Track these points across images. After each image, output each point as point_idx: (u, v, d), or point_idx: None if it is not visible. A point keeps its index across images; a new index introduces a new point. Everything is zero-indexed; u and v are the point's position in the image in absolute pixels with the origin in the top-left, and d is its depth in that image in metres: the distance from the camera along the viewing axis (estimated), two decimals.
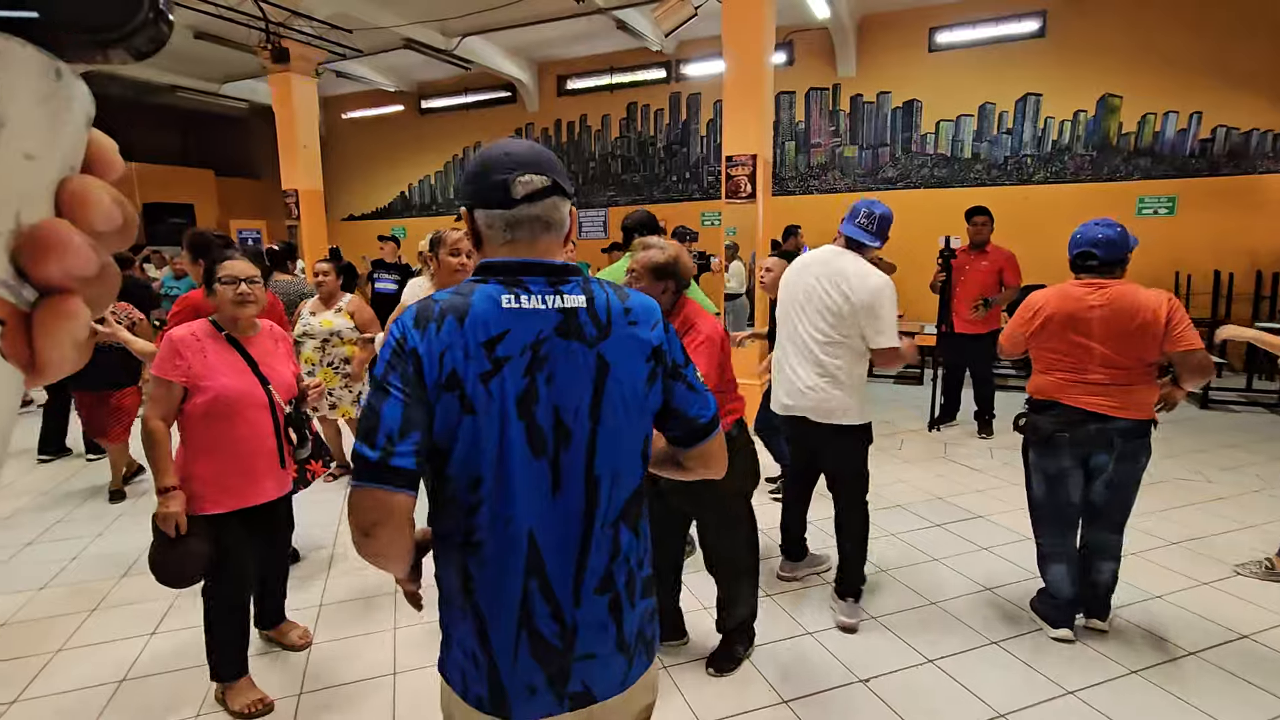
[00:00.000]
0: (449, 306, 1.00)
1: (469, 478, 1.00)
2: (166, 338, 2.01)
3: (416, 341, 0.98)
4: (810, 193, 8.97)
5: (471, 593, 1.03)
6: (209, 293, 2.09)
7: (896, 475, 4.38)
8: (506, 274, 1.04)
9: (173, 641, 2.62)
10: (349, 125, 12.26)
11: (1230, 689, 2.26)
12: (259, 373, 2.13)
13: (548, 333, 1.01)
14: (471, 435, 0.98)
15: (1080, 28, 7.40)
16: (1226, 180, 7.05)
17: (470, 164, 1.07)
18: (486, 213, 1.05)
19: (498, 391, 0.98)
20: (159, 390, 1.98)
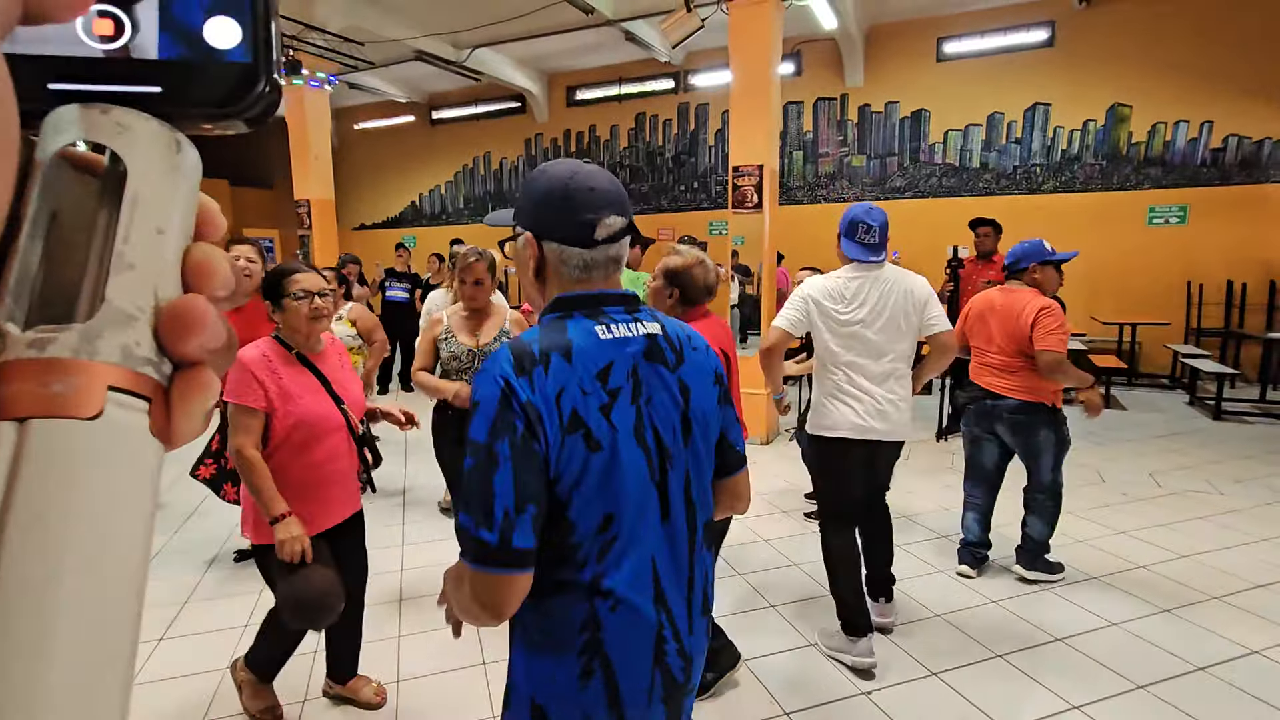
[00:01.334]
0: (550, 345, 0.95)
1: (600, 516, 0.95)
2: (236, 361, 1.74)
3: (527, 392, 0.90)
4: (818, 202, 8.98)
5: (600, 644, 0.95)
6: (276, 308, 1.93)
7: (906, 486, 4.36)
8: (588, 306, 1.01)
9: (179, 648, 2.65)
10: (361, 135, 12.41)
11: (1238, 705, 2.24)
12: (333, 392, 1.99)
13: (640, 359, 1.00)
14: (601, 472, 0.94)
15: (1089, 37, 7.39)
16: (1239, 189, 7.00)
17: (544, 189, 1.00)
18: (562, 248, 1.00)
19: (618, 423, 0.96)
20: (243, 418, 1.84)
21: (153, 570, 3.30)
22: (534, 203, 1.01)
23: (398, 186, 12.43)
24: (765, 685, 2.39)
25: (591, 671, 0.95)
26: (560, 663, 0.96)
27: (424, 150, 11.96)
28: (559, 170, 1.01)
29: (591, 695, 0.95)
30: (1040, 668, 2.45)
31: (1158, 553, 3.34)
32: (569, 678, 0.95)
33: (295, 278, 1.93)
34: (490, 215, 1.07)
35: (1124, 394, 6.87)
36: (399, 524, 3.88)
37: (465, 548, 0.89)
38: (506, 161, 11.28)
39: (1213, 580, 3.06)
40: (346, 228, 12.49)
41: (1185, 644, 2.58)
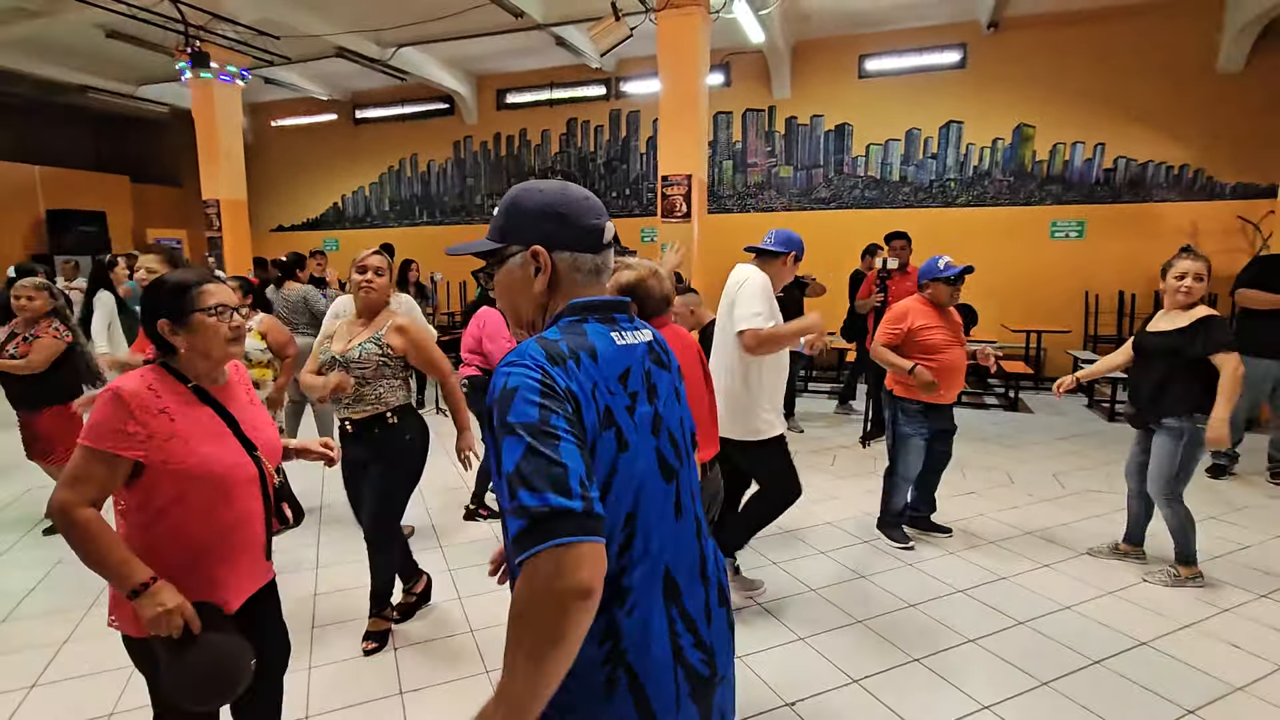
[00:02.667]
0: (576, 345, 0.96)
1: (622, 516, 0.95)
2: (111, 393, 1.39)
3: (565, 380, 0.91)
4: (748, 211, 9.15)
5: (623, 656, 0.93)
6: (178, 327, 1.48)
7: (828, 491, 4.46)
8: (602, 312, 1.04)
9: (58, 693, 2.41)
10: (278, 133, 11.83)
11: (1129, 696, 2.38)
12: (243, 435, 1.56)
13: (648, 363, 1.05)
14: (627, 472, 0.96)
15: (997, 60, 7.83)
16: (1129, 207, 7.56)
17: (541, 203, 1.03)
18: (575, 255, 1.03)
19: (639, 424, 0.99)
20: (91, 466, 1.36)
21: (27, 608, 3.02)
22: (532, 218, 1.03)
23: (319, 187, 11.90)
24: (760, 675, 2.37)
25: (616, 681, 0.93)
26: (580, 677, 0.90)
27: (347, 150, 11.50)
28: (549, 185, 1.05)
29: (619, 705, 0.93)
30: (955, 671, 2.53)
31: (1060, 551, 3.54)
32: (593, 691, 0.92)
33: (207, 289, 1.52)
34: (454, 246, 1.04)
35: (1031, 398, 7.29)
36: (313, 544, 3.68)
37: (539, 530, 0.80)
38: (435, 164, 10.99)
39: (1107, 576, 3.26)
40: (263, 229, 11.86)
41: (1083, 639, 2.73)
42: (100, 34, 7.75)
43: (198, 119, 7.83)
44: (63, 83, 9.61)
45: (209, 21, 7.09)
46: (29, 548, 3.64)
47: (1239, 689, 2.41)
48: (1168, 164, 7.37)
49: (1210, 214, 7.20)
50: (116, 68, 9.40)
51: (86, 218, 10.86)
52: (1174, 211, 7.38)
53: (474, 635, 2.78)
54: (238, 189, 8.08)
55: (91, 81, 9.72)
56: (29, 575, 3.30)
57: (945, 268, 3.40)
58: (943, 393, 3.40)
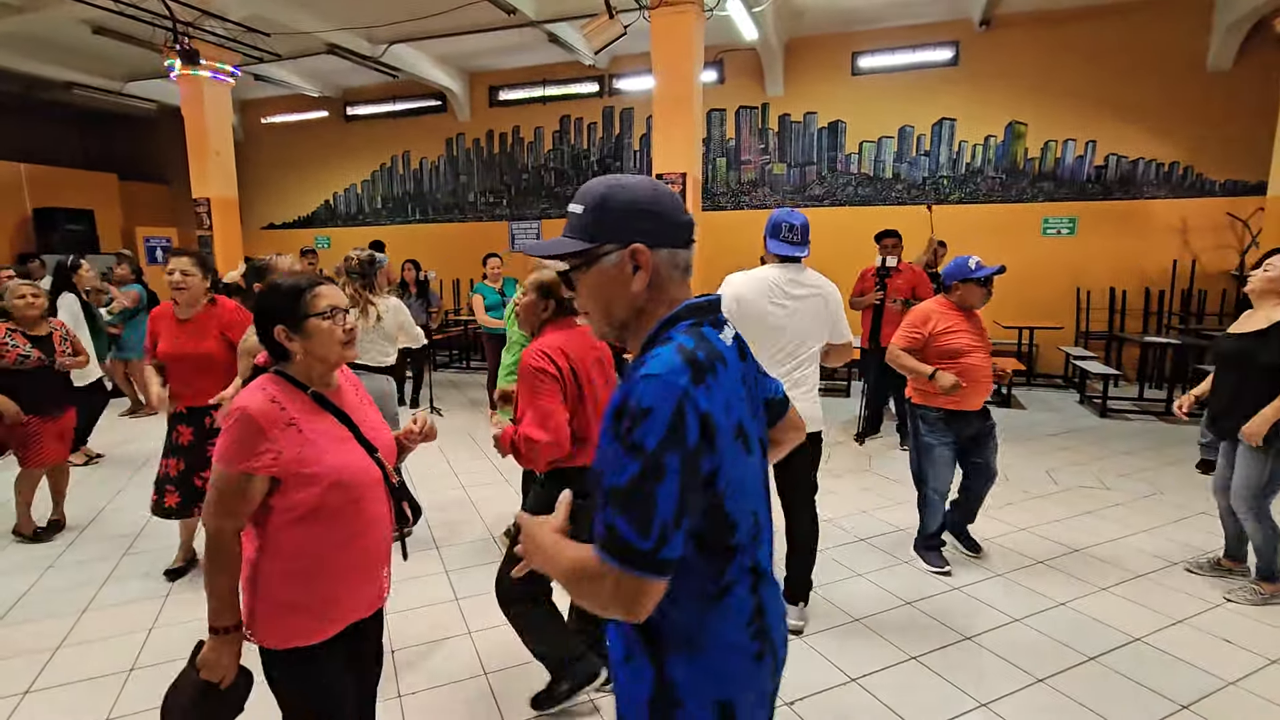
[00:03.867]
0: (710, 352, 0.96)
1: (752, 515, 1.02)
2: (239, 412, 1.38)
3: (706, 401, 0.91)
4: (741, 208, 9.15)
5: (768, 628, 1.05)
6: (294, 333, 1.46)
7: (824, 488, 4.47)
8: (710, 313, 1.05)
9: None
10: (269, 130, 11.72)
11: (1124, 692, 2.40)
12: (363, 438, 1.54)
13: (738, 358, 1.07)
14: (754, 474, 1.03)
15: (990, 58, 7.85)
16: (1120, 204, 7.61)
17: (630, 199, 1.00)
18: (674, 252, 1.02)
19: (755, 425, 1.05)
20: (233, 489, 1.37)
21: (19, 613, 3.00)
22: (627, 216, 1.00)
23: (310, 185, 11.81)
24: None
25: (764, 653, 1.04)
26: (736, 652, 1.01)
27: (339, 147, 11.41)
28: (635, 181, 1.03)
29: (764, 672, 1.05)
30: (952, 668, 2.55)
31: (1053, 547, 3.56)
32: (746, 664, 1.02)
33: (320, 291, 1.50)
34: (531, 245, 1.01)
35: (1024, 394, 7.34)
36: None
37: (613, 547, 0.89)
38: (427, 161, 10.93)
39: (1101, 572, 3.29)
40: (254, 227, 11.77)
41: (1078, 635, 2.75)
42: (86, 30, 7.65)
43: (187, 116, 7.75)
44: (48, 79, 9.48)
45: (198, 18, 7.02)
46: (20, 553, 3.60)
47: (1232, 684, 2.44)
48: (1158, 161, 7.42)
49: (1200, 211, 7.26)
50: (103, 64, 9.28)
51: (74, 216, 10.72)
52: (1164, 209, 7.43)
53: (471, 637, 2.78)
54: (228, 187, 8.01)
55: (77, 78, 9.59)
56: (20, 581, 3.27)
57: (977, 268, 3.11)
58: (964, 399, 3.15)
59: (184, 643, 2.68)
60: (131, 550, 3.61)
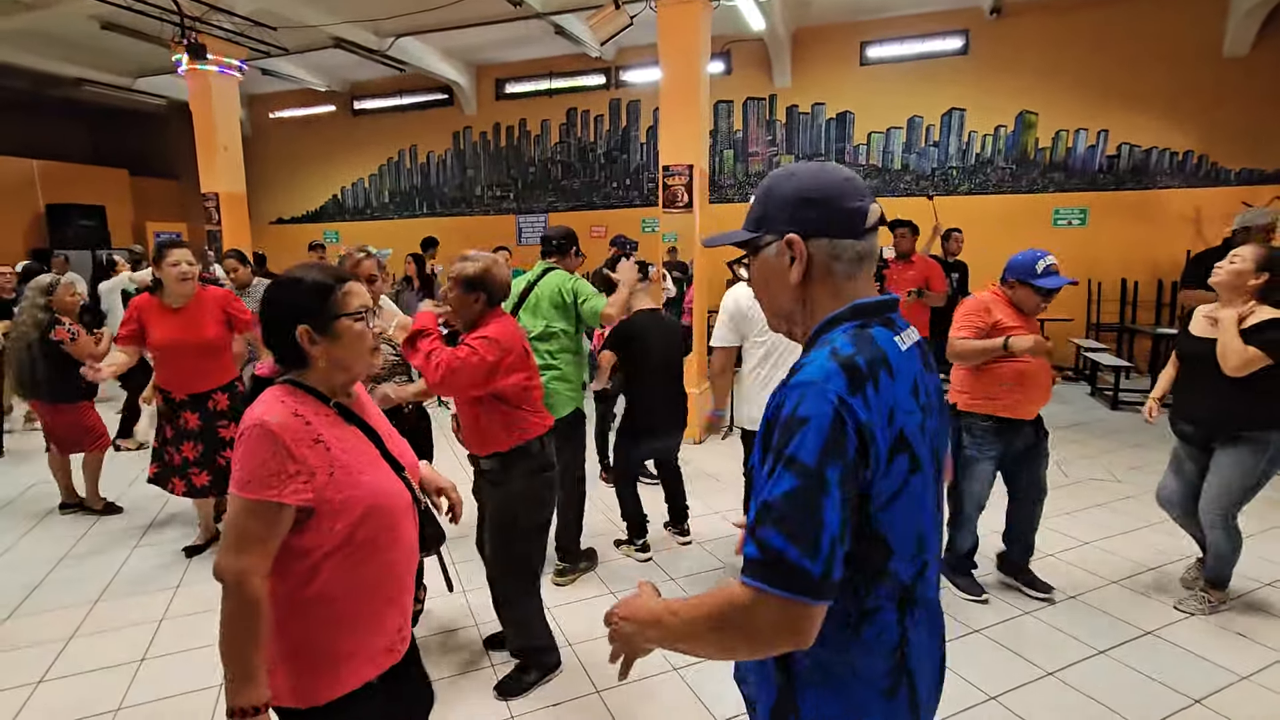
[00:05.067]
0: (874, 358, 0.88)
1: (915, 536, 0.93)
2: (259, 429, 1.16)
3: (865, 412, 0.84)
4: (748, 200, 9.05)
5: (906, 659, 0.95)
6: (321, 335, 1.25)
7: None
8: (882, 314, 0.96)
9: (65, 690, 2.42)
10: (276, 125, 11.77)
11: (1135, 686, 2.38)
12: (390, 455, 1.35)
13: (921, 370, 0.97)
14: (918, 492, 0.91)
15: (1000, 47, 7.76)
16: (1131, 194, 7.51)
17: (796, 187, 0.96)
18: (834, 242, 0.94)
19: (928, 437, 0.94)
20: (257, 521, 1.15)
21: (32, 604, 3.03)
22: (788, 205, 0.96)
23: (318, 179, 11.85)
24: (697, 695, 2.38)
25: (897, 689, 0.94)
26: (866, 686, 0.93)
27: (346, 142, 11.45)
28: (807, 167, 0.97)
29: (897, 708, 0.95)
30: (955, 660, 2.53)
31: (1064, 540, 3.53)
32: (875, 699, 0.94)
33: (351, 288, 1.29)
34: (711, 237, 1.03)
35: None
36: None
37: (773, 571, 0.81)
38: (434, 155, 10.94)
39: (1111, 566, 3.26)
40: (262, 222, 11.83)
41: (1088, 629, 2.73)
42: (95, 25, 7.69)
43: (195, 112, 7.78)
44: (59, 75, 9.55)
45: (205, 13, 7.03)
46: (32, 544, 3.65)
47: (1245, 678, 2.42)
48: (1171, 150, 7.32)
49: (1214, 200, 7.16)
50: (113, 60, 9.33)
51: (86, 212, 10.82)
52: (1177, 198, 7.33)
53: (479, 629, 2.79)
54: (236, 182, 8.04)
55: (87, 74, 9.65)
56: (33, 572, 3.31)
57: (1045, 274, 2.69)
58: (1021, 404, 2.80)
59: (193, 634, 2.73)
60: (142, 543, 3.65)
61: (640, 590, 1.02)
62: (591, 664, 2.54)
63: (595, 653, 2.61)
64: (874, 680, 0.94)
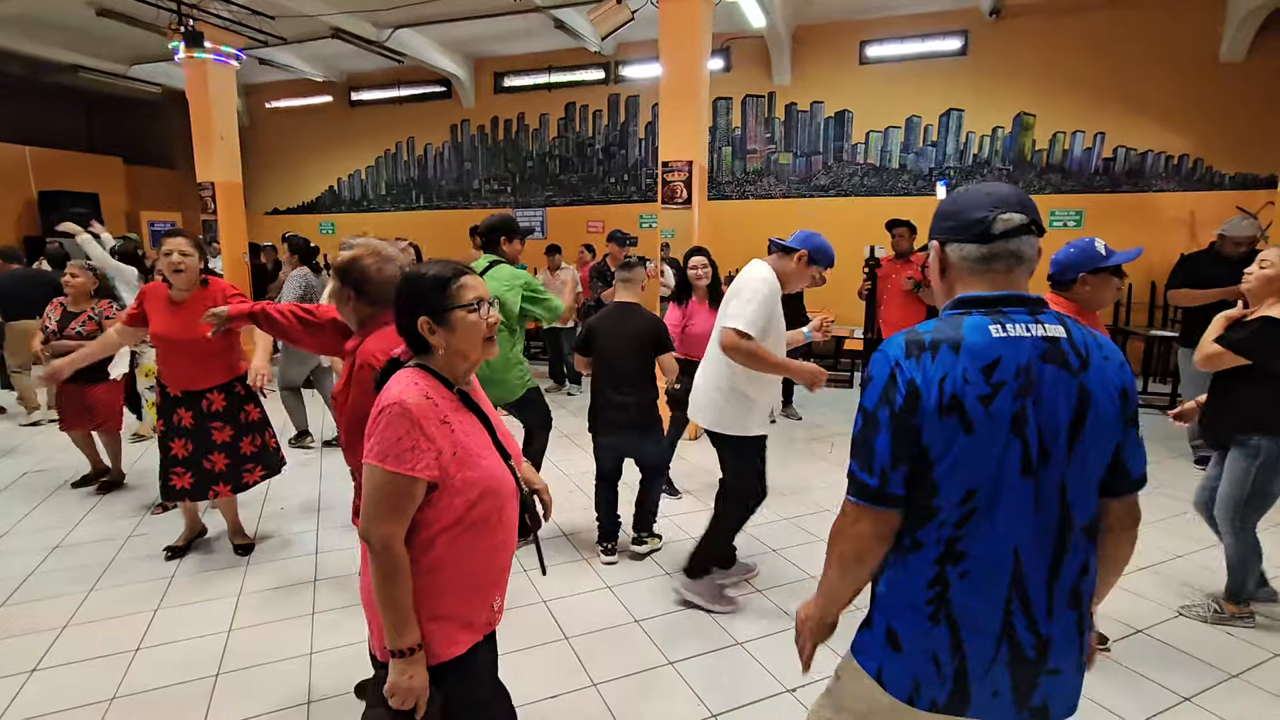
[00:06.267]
0: (940, 337, 1.10)
1: (963, 490, 1.08)
2: (397, 407, 1.26)
3: (913, 372, 1.08)
4: (747, 198, 9.11)
5: (948, 603, 1.11)
6: (438, 325, 1.35)
7: (826, 479, 4.48)
8: (987, 306, 1.12)
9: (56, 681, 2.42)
10: (273, 115, 11.69)
11: (1126, 682, 2.41)
12: (500, 444, 1.44)
13: (1034, 358, 1.08)
14: (969, 452, 1.06)
15: (998, 48, 7.78)
16: (1127, 197, 7.55)
17: (947, 206, 1.20)
18: (962, 246, 1.16)
19: (997, 413, 1.06)
20: (398, 491, 1.25)
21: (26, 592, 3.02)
22: (938, 217, 1.21)
23: (314, 170, 11.79)
24: (691, 685, 2.39)
25: (938, 620, 1.12)
26: (913, 606, 1.14)
27: (343, 133, 11.38)
28: (968, 186, 1.22)
29: (938, 638, 1.12)
30: None
31: None
32: (920, 618, 1.13)
33: (465, 282, 1.37)
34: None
35: None
36: (312, 529, 3.68)
37: (852, 487, 1.14)
38: (431, 148, 10.89)
39: None
40: (257, 212, 11.76)
41: None
42: (91, 12, 7.62)
43: (191, 100, 7.72)
44: (53, 61, 9.46)
45: (203, 0, 6.98)
46: (27, 532, 3.63)
47: (1235, 676, 2.45)
48: (1167, 154, 7.36)
49: (1209, 204, 7.20)
50: (108, 47, 9.25)
51: (79, 199, 10.72)
52: (1173, 201, 7.38)
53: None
54: (232, 171, 7.99)
55: (82, 61, 9.57)
56: (28, 559, 3.30)
57: (1109, 252, 2.30)
58: None
59: (189, 622, 2.73)
60: (137, 532, 3.63)
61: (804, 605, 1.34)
62: (588, 656, 2.56)
63: (591, 646, 2.62)
64: (917, 604, 1.13)
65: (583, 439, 5.43)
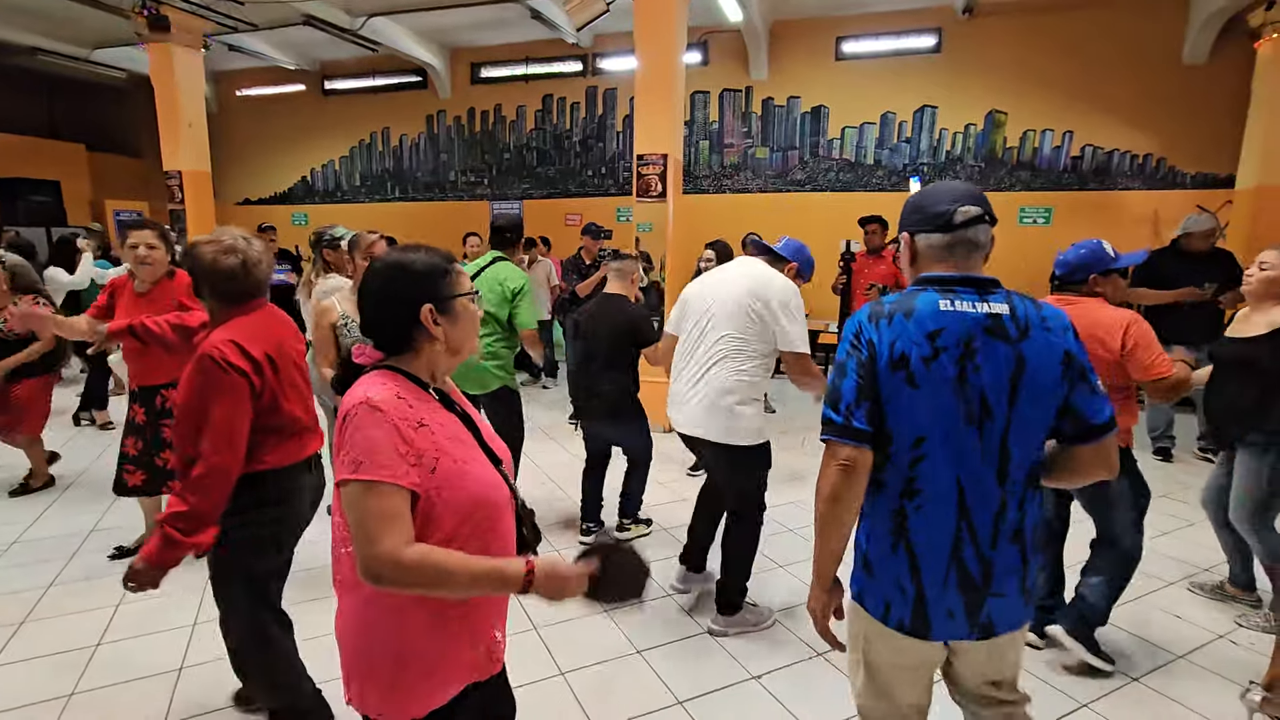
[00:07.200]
0: (897, 306, 1.31)
1: (912, 436, 1.29)
2: (364, 405, 1.10)
3: (871, 333, 1.31)
4: (724, 192, 9.14)
5: (906, 532, 1.32)
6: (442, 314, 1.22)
7: (795, 471, 4.53)
8: (942, 285, 1.32)
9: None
10: (244, 103, 11.45)
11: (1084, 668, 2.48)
12: (487, 447, 1.28)
13: (977, 331, 1.27)
14: (914, 402, 1.28)
15: (971, 46, 7.88)
16: (1094, 195, 7.72)
17: (914, 202, 1.39)
18: (928, 236, 1.35)
19: (937, 371, 1.26)
20: (385, 501, 1.07)
21: None
22: (908, 211, 1.41)
23: (287, 160, 11.58)
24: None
25: (898, 547, 1.33)
26: (877, 532, 1.36)
27: (316, 122, 11.19)
28: (934, 185, 1.40)
29: (899, 563, 1.33)
30: None
31: None
32: (885, 546, 1.35)
33: (459, 269, 1.28)
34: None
35: None
36: None
37: (825, 427, 1.32)
38: (407, 138, 10.76)
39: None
40: (228, 202, 11.53)
41: None
42: None
43: (157, 86, 7.54)
44: (11, 44, 9.15)
45: None
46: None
47: (1180, 657, 2.54)
48: (1132, 153, 7.53)
49: (1171, 203, 7.38)
50: (69, 29, 8.97)
51: (39, 187, 10.42)
52: (1137, 200, 7.55)
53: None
54: (201, 160, 7.82)
55: (42, 43, 9.27)
56: None
57: (1115, 254, 2.42)
58: None
59: (151, 619, 2.69)
60: (98, 528, 3.57)
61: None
62: (556, 646, 2.57)
63: (559, 636, 2.63)
64: (883, 533, 1.35)
65: (558, 431, 5.44)
